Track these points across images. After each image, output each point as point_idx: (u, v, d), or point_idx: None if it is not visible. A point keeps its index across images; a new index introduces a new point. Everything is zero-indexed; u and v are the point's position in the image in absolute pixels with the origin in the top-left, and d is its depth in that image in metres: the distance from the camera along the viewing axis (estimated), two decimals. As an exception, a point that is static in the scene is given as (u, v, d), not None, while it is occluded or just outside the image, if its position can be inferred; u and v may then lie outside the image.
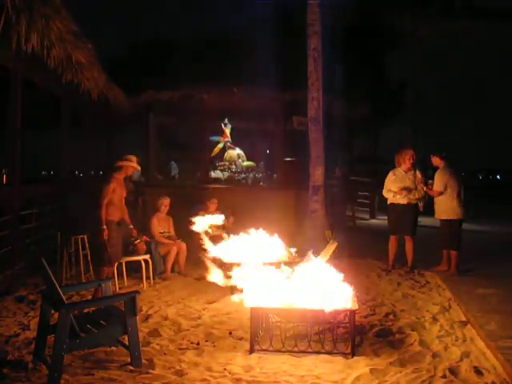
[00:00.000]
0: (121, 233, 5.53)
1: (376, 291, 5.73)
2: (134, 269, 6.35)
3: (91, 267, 6.17)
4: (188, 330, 4.35)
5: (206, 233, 6.99)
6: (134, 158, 5.50)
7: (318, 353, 3.74)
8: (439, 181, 6.48)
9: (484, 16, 14.09)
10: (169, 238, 6.66)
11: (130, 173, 5.56)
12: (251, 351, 3.78)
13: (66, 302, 3.39)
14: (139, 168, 5.76)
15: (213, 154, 11.15)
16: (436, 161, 6.67)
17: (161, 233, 6.64)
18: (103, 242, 5.23)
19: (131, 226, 5.66)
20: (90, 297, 5.28)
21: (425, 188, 6.58)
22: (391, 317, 4.71)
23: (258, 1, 13.37)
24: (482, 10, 14.10)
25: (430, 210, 6.84)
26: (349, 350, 3.73)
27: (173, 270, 6.58)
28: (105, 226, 5.20)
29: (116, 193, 5.32)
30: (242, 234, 5.20)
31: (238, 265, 4.54)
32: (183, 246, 6.55)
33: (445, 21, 13.90)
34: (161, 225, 6.68)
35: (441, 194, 6.43)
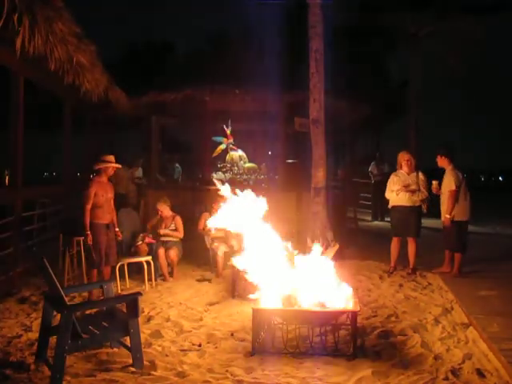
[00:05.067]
0: (112, 235, 5.55)
1: (378, 293, 5.73)
2: (136, 270, 6.36)
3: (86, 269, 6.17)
4: (190, 331, 4.36)
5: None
6: (112, 158, 5.51)
7: (320, 354, 3.74)
8: (453, 181, 6.30)
9: (482, 12, 14.04)
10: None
11: (110, 173, 5.55)
12: (253, 353, 3.78)
13: (68, 303, 3.40)
14: (119, 166, 5.77)
15: (214, 155, 11.15)
16: (443, 162, 6.52)
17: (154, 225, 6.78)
18: (90, 246, 5.27)
19: (117, 229, 5.69)
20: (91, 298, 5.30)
21: (435, 191, 6.51)
22: (393, 319, 4.70)
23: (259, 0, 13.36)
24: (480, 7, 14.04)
25: (431, 211, 6.83)
26: (350, 352, 3.73)
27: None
28: (89, 232, 5.26)
29: (99, 196, 5.34)
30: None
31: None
32: (171, 250, 6.51)
33: (445, 20, 13.88)
34: (162, 225, 6.71)
35: (456, 193, 6.29)
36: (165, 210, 6.72)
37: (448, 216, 6.36)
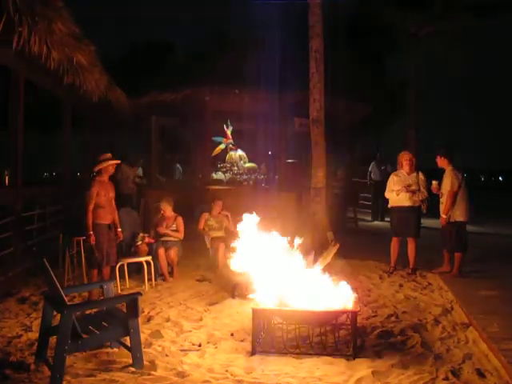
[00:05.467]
0: (113, 235, 5.55)
1: (378, 293, 5.72)
2: (136, 270, 6.36)
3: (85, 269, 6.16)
4: (190, 331, 4.35)
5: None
6: (109, 156, 5.52)
7: (320, 355, 3.74)
8: (454, 181, 6.31)
9: (483, 11, 14.04)
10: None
11: (111, 171, 5.55)
12: (253, 353, 3.78)
13: (68, 303, 3.40)
14: (119, 161, 5.77)
15: (213, 154, 11.15)
16: (443, 162, 6.52)
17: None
18: (91, 246, 5.28)
19: (119, 229, 5.69)
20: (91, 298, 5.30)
21: (435, 191, 6.51)
22: (393, 319, 4.70)
23: (256, 0, 13.33)
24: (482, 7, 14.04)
25: (431, 211, 6.83)
26: (350, 352, 3.73)
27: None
28: (91, 232, 5.26)
29: (101, 196, 5.34)
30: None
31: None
32: (171, 250, 6.50)
33: (446, 20, 13.88)
34: (164, 224, 6.69)
35: (456, 194, 6.31)
36: (167, 209, 6.72)
37: (444, 216, 6.38)
